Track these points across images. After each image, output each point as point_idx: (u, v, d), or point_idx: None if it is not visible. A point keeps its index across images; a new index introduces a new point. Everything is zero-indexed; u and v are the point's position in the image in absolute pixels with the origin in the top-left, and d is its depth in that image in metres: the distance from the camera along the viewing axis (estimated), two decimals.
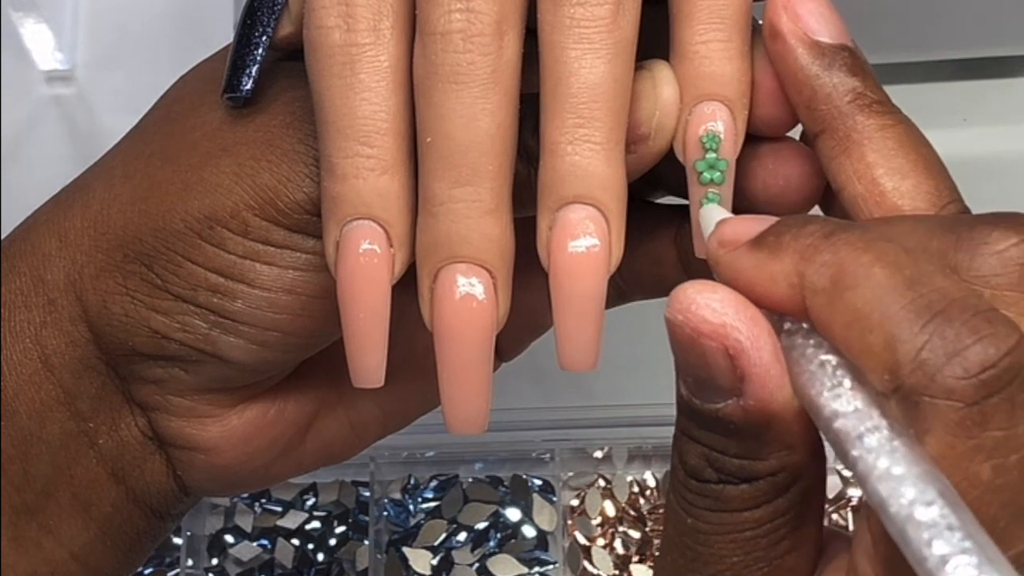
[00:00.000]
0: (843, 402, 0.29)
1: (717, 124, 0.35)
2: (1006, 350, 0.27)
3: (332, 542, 0.61)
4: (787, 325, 0.31)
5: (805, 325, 0.30)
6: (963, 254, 0.30)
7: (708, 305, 0.30)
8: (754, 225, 0.32)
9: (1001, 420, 0.27)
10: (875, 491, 0.28)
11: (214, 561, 0.61)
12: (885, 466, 0.28)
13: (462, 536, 0.61)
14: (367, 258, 0.35)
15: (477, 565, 0.60)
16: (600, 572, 0.60)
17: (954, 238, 0.31)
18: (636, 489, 0.62)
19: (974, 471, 0.28)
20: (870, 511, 0.29)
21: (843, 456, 0.29)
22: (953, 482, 0.27)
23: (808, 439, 0.31)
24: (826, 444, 0.31)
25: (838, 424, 0.29)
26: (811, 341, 0.30)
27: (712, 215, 0.34)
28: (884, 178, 0.34)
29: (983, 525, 0.27)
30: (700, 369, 0.30)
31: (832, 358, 0.30)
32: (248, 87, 0.38)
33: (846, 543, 0.33)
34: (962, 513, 0.27)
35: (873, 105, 0.35)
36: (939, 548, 0.26)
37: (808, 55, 0.35)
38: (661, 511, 0.61)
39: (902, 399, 0.28)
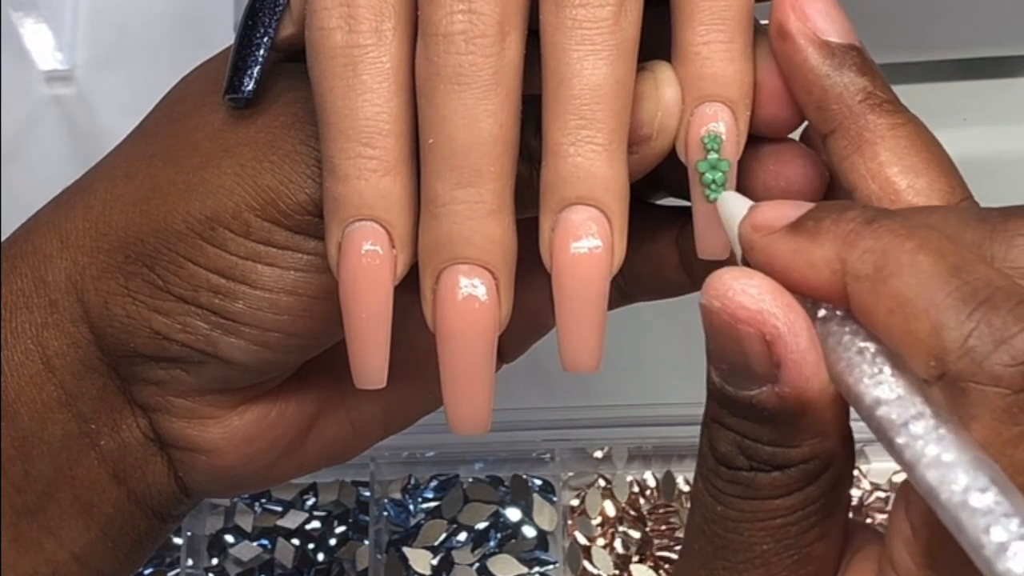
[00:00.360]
0: (885, 389, 0.29)
1: (719, 125, 0.35)
2: None
3: (332, 542, 0.61)
4: (822, 312, 0.30)
5: (840, 312, 0.30)
6: (998, 245, 0.30)
7: (745, 291, 0.30)
8: (790, 210, 0.31)
9: None
10: (924, 478, 0.27)
11: (214, 561, 0.61)
12: (934, 453, 0.27)
13: (462, 536, 0.61)
14: (369, 259, 0.35)
15: (477, 565, 0.60)
16: (600, 572, 0.60)
17: (988, 229, 0.31)
18: (636, 489, 0.62)
19: (1020, 458, 0.28)
20: (907, 501, 0.29)
21: (887, 444, 0.28)
22: None
23: (840, 426, 0.31)
24: None
25: (881, 412, 0.29)
26: (847, 328, 0.30)
27: (732, 203, 0.34)
28: (898, 176, 0.34)
29: None
30: (736, 355, 0.30)
31: (871, 345, 0.29)
32: (250, 88, 0.38)
33: (872, 534, 0.33)
34: (1016, 499, 0.27)
35: (884, 104, 0.35)
36: (997, 535, 0.26)
37: (818, 55, 0.35)
38: (661, 511, 0.61)
39: (947, 386, 0.28)
